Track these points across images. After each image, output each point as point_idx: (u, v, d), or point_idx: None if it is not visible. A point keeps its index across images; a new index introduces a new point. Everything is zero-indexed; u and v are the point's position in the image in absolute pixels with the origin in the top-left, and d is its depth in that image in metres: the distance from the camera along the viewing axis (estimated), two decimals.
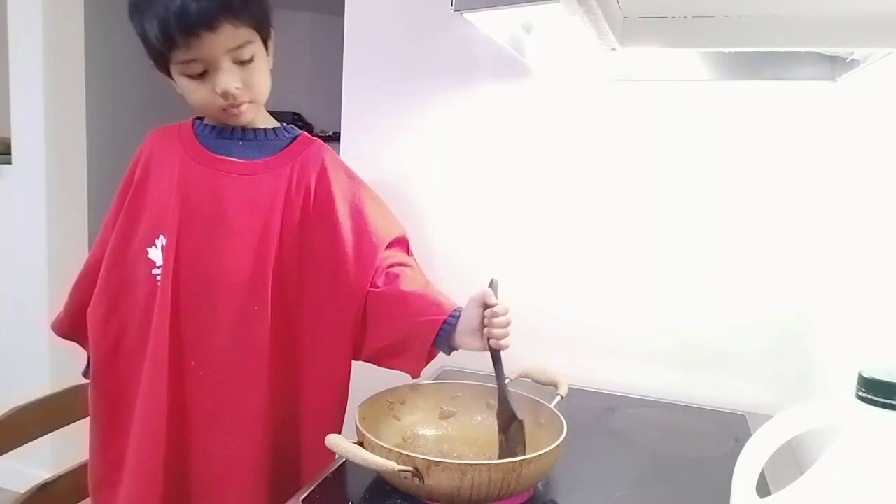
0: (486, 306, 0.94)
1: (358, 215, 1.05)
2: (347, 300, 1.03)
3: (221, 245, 0.99)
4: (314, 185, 1.03)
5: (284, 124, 1.07)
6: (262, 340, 1.00)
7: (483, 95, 1.37)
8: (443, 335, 0.97)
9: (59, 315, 1.11)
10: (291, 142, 1.05)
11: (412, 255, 1.12)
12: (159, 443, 0.99)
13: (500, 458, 0.93)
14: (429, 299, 1.00)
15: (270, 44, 1.01)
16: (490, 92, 1.37)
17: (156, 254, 1.00)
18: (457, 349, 0.99)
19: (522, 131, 1.35)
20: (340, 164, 1.09)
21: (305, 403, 1.06)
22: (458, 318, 0.97)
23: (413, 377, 1.03)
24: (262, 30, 0.97)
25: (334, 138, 1.46)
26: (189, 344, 0.99)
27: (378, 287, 1.02)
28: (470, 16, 0.82)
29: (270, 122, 1.06)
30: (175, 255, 0.98)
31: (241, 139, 1.03)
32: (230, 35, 0.92)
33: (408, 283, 1.02)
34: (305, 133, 1.08)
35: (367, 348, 1.05)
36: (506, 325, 0.94)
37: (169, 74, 0.97)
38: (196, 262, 0.99)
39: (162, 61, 0.95)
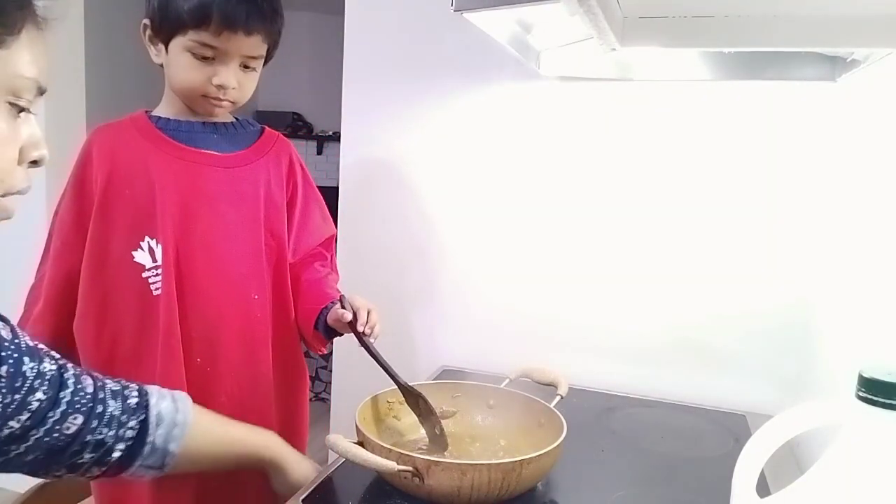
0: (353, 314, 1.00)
1: (303, 212, 1.11)
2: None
3: (216, 237, 1.00)
4: (286, 177, 1.08)
5: (239, 117, 1.09)
6: (264, 328, 1.03)
7: (482, 95, 1.37)
8: (319, 322, 1.06)
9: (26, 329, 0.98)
10: (260, 135, 1.09)
11: (332, 251, 1.18)
12: None
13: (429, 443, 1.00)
14: (318, 290, 1.08)
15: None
16: (489, 92, 1.37)
17: (143, 256, 0.97)
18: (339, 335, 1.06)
19: (522, 131, 1.35)
20: (299, 159, 1.15)
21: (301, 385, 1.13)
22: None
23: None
24: (273, 47, 1.01)
25: (334, 138, 1.47)
26: (195, 341, 0.99)
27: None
28: (470, 16, 0.82)
29: (230, 116, 1.07)
30: (175, 252, 0.97)
31: (215, 132, 1.04)
32: (256, 44, 0.96)
33: (309, 274, 1.10)
34: (268, 127, 1.12)
35: None
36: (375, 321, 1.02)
37: (161, 41, 0.96)
38: (194, 257, 0.99)
39: (167, 29, 0.94)
